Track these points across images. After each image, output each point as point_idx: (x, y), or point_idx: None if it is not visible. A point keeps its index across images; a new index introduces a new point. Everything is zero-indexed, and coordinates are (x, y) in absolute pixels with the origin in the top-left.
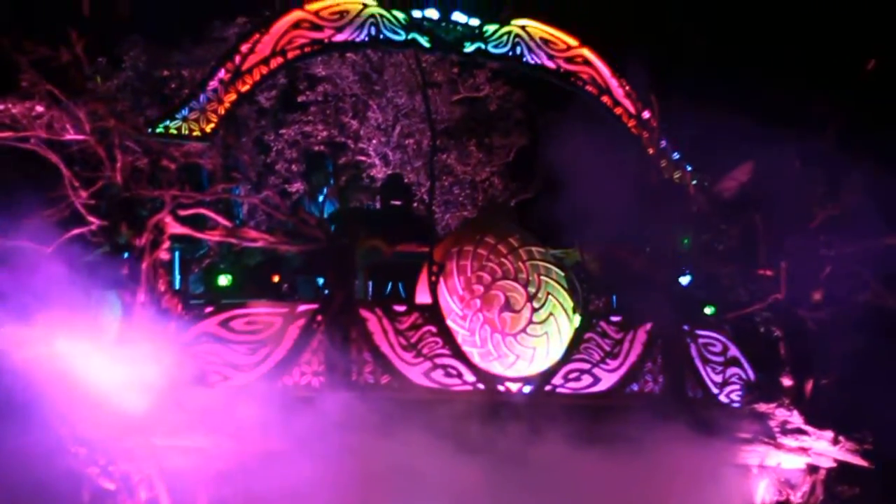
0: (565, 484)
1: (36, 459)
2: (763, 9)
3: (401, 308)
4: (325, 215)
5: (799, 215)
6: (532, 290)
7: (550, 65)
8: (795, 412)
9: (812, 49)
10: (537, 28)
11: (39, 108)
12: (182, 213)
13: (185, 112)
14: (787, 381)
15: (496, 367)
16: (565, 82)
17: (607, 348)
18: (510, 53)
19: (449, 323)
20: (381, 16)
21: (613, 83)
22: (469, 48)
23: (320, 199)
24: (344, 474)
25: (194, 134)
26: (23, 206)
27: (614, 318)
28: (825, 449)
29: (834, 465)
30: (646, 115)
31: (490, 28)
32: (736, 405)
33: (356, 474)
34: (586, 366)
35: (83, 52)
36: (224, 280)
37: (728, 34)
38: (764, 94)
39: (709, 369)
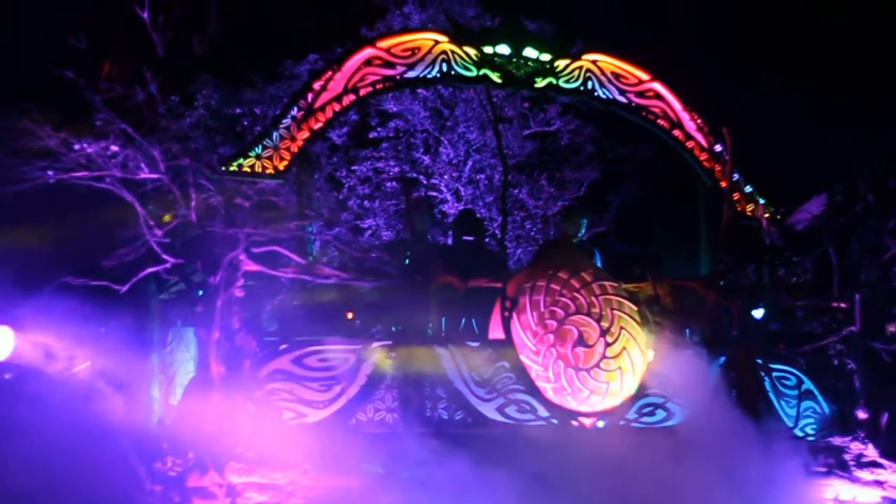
0: None
1: (112, 498)
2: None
3: (474, 344)
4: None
5: (872, 247)
6: (605, 324)
7: (622, 99)
8: (870, 445)
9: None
10: (608, 62)
11: (114, 148)
12: (256, 250)
13: (258, 150)
14: (861, 414)
15: (570, 403)
16: (637, 116)
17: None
18: (581, 88)
19: (522, 358)
20: (453, 52)
21: (685, 117)
22: (540, 83)
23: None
24: None
25: (267, 171)
26: (98, 245)
27: (688, 352)
28: None
29: None
30: (718, 147)
31: (561, 63)
32: (810, 438)
33: None
34: (660, 400)
35: (157, 91)
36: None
37: (807, 63)
38: (838, 125)
39: (783, 402)
